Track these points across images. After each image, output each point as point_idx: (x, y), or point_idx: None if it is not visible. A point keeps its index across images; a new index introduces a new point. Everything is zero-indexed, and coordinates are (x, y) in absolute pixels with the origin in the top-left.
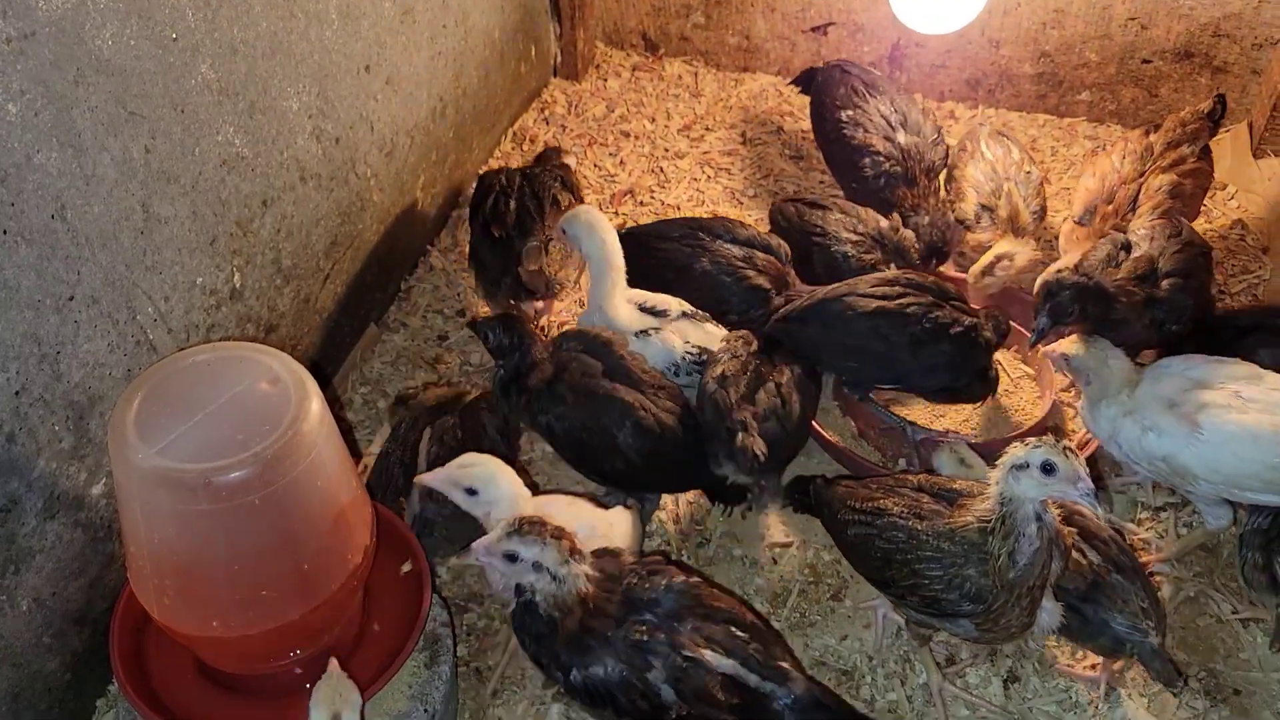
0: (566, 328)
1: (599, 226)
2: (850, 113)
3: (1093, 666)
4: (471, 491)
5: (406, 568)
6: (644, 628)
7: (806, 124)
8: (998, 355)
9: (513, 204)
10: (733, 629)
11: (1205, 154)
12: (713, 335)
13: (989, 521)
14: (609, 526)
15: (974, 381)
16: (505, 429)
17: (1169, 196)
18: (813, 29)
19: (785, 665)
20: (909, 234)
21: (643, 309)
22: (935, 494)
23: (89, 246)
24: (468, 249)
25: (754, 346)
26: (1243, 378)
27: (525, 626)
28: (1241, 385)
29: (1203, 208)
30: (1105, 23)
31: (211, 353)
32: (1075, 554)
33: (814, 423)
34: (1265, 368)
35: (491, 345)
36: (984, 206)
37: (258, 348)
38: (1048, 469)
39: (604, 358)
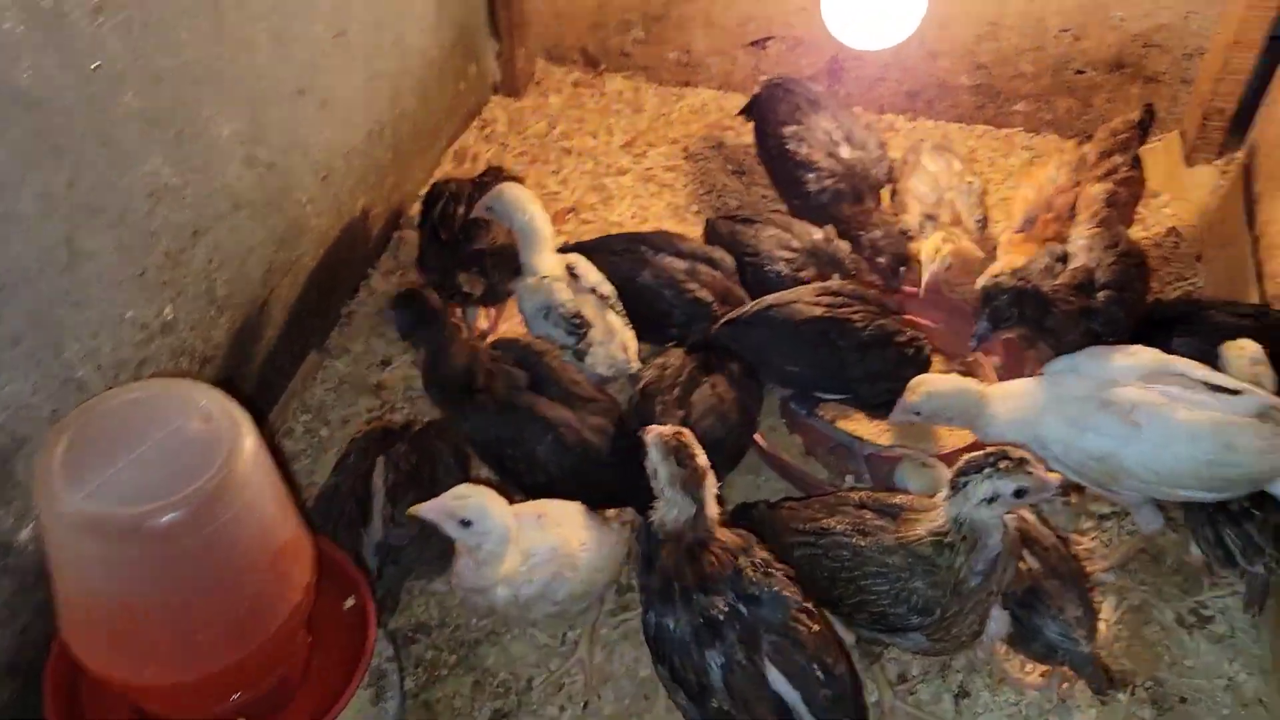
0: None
1: (523, 199)
2: (793, 129)
3: (1043, 675)
4: (466, 523)
5: (350, 603)
6: (727, 610)
7: (748, 139)
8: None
9: (461, 210)
10: (814, 666)
11: (1137, 163)
12: (611, 324)
13: (944, 535)
14: (584, 545)
15: None
16: (460, 453)
17: (1105, 204)
18: (752, 43)
19: None
20: (844, 245)
21: (569, 269)
22: (878, 509)
23: (10, 285)
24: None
25: (683, 359)
26: (1142, 367)
27: (642, 548)
28: (1157, 380)
29: (1137, 215)
30: (1039, 34)
31: (141, 390)
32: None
33: (761, 441)
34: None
35: (398, 327)
36: (928, 216)
37: (189, 384)
38: (1020, 494)
39: (534, 369)
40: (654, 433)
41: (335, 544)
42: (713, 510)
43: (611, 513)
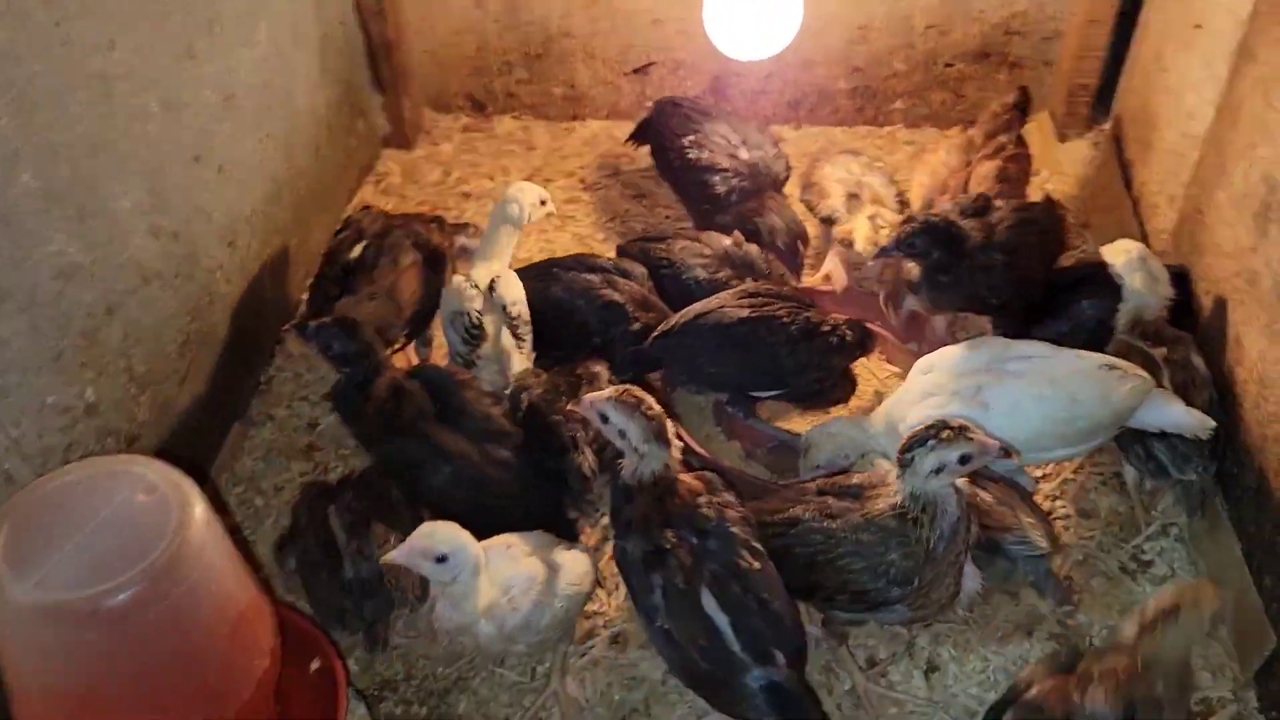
0: None
1: (508, 206)
2: (691, 138)
3: (1004, 638)
4: (442, 559)
5: (315, 665)
6: (675, 541)
7: (644, 163)
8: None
9: (357, 249)
10: (749, 597)
11: (1021, 141)
12: (505, 346)
13: (905, 510)
14: (557, 570)
15: (840, 382)
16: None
17: (997, 180)
18: (634, 70)
19: (775, 652)
20: (754, 248)
21: (494, 285)
22: (839, 493)
23: None
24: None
25: (547, 377)
26: (989, 355)
27: (615, 502)
28: (999, 360)
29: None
30: (907, 33)
31: (78, 471)
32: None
33: (701, 450)
34: (1088, 319)
35: (335, 352)
36: (851, 195)
37: (128, 458)
38: (965, 460)
39: (446, 399)
40: (605, 396)
41: (310, 595)
42: (676, 453)
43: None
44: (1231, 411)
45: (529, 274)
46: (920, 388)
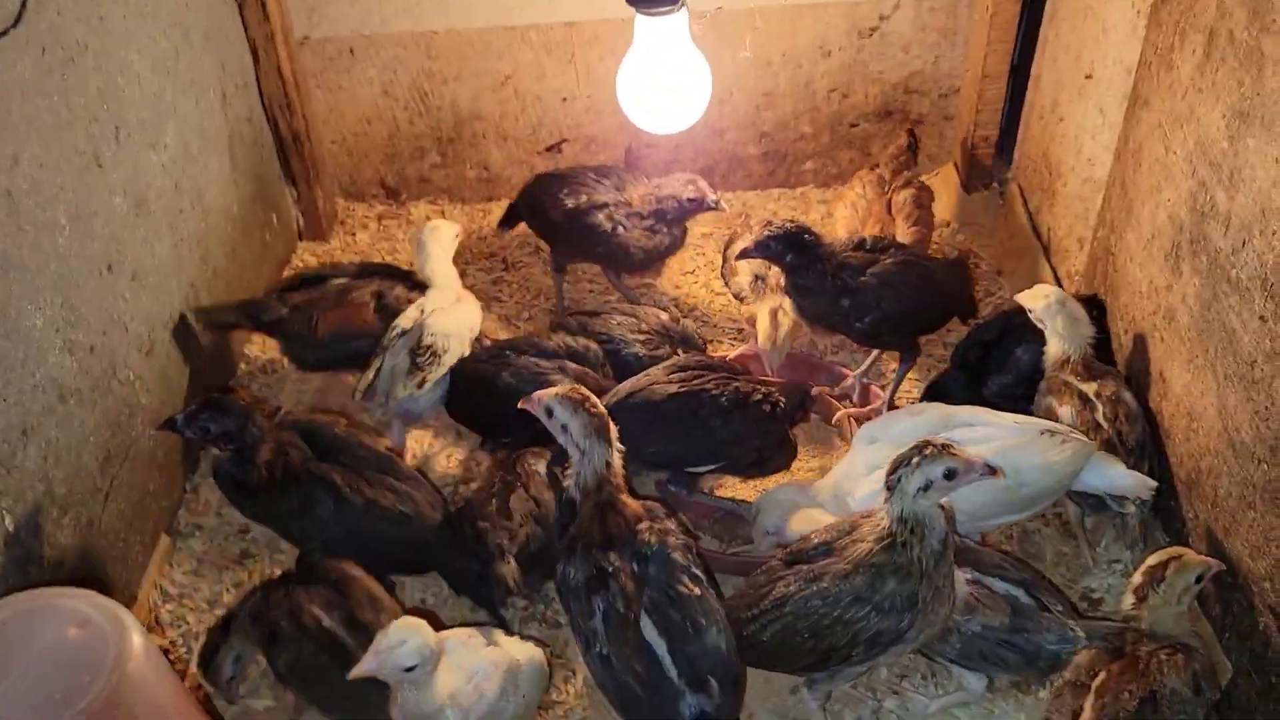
0: None
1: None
2: (567, 189)
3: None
4: (410, 669)
5: None
6: (616, 563)
7: None
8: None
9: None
10: (686, 623)
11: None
12: (395, 368)
13: (892, 538)
14: (509, 665)
15: (777, 449)
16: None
17: (915, 206)
18: (547, 149)
19: (712, 681)
20: (689, 324)
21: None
22: (810, 556)
23: None
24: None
25: (489, 463)
26: (930, 422)
27: (561, 517)
28: (947, 431)
29: (935, 244)
30: (811, 97)
31: (4, 609)
32: (983, 591)
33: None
34: (1025, 365)
35: (215, 434)
36: (757, 276)
37: (57, 591)
38: (950, 475)
39: (325, 444)
40: (553, 393)
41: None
42: (618, 462)
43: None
44: (1163, 445)
45: (479, 356)
46: (866, 460)
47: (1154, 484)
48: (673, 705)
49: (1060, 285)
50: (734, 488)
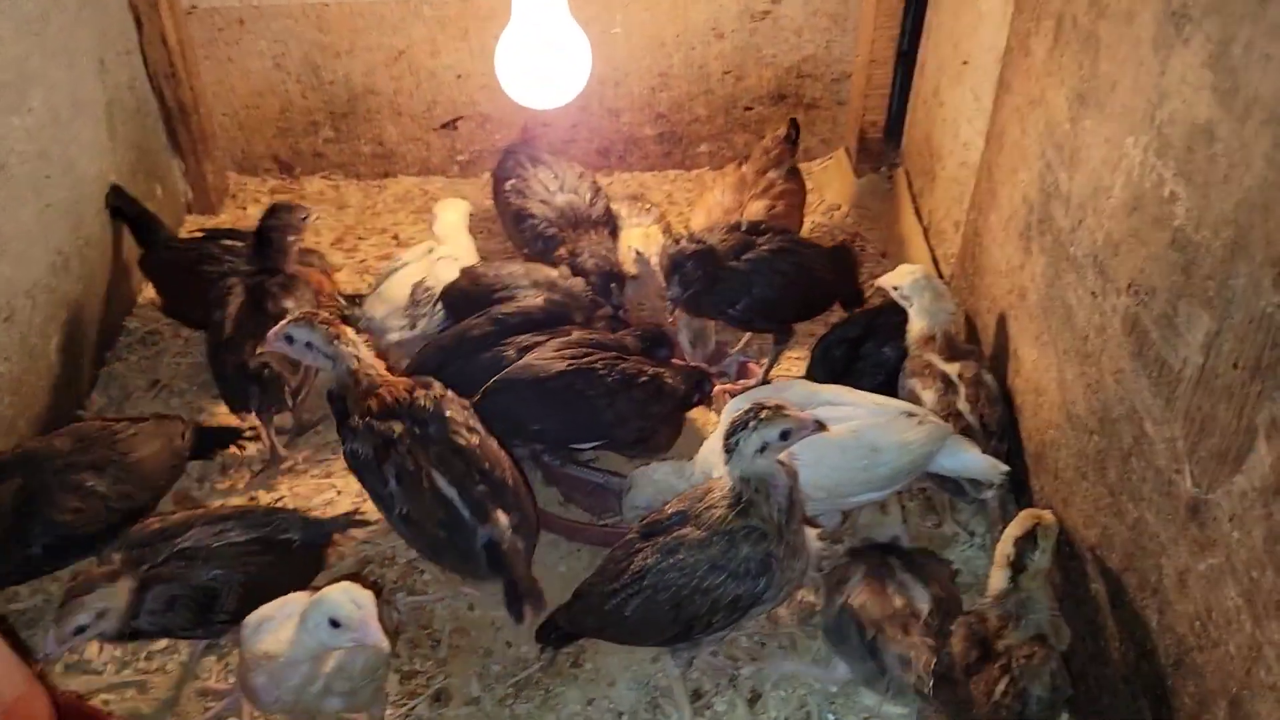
0: None
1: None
2: (514, 182)
3: (819, 663)
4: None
5: None
6: (400, 428)
7: None
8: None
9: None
10: (472, 469)
11: (793, 174)
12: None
13: (740, 498)
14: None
15: (662, 429)
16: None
17: (767, 217)
18: (442, 126)
19: (496, 511)
20: (578, 281)
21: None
22: (665, 528)
23: None
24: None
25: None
26: (795, 399)
27: (335, 411)
28: (805, 407)
29: (820, 224)
30: (705, 79)
31: None
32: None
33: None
34: (890, 360)
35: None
36: (637, 251)
37: None
38: (785, 435)
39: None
40: (284, 324)
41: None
42: (369, 358)
43: None
44: (1016, 421)
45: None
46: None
47: (1005, 468)
48: (469, 541)
49: (937, 267)
50: (611, 461)
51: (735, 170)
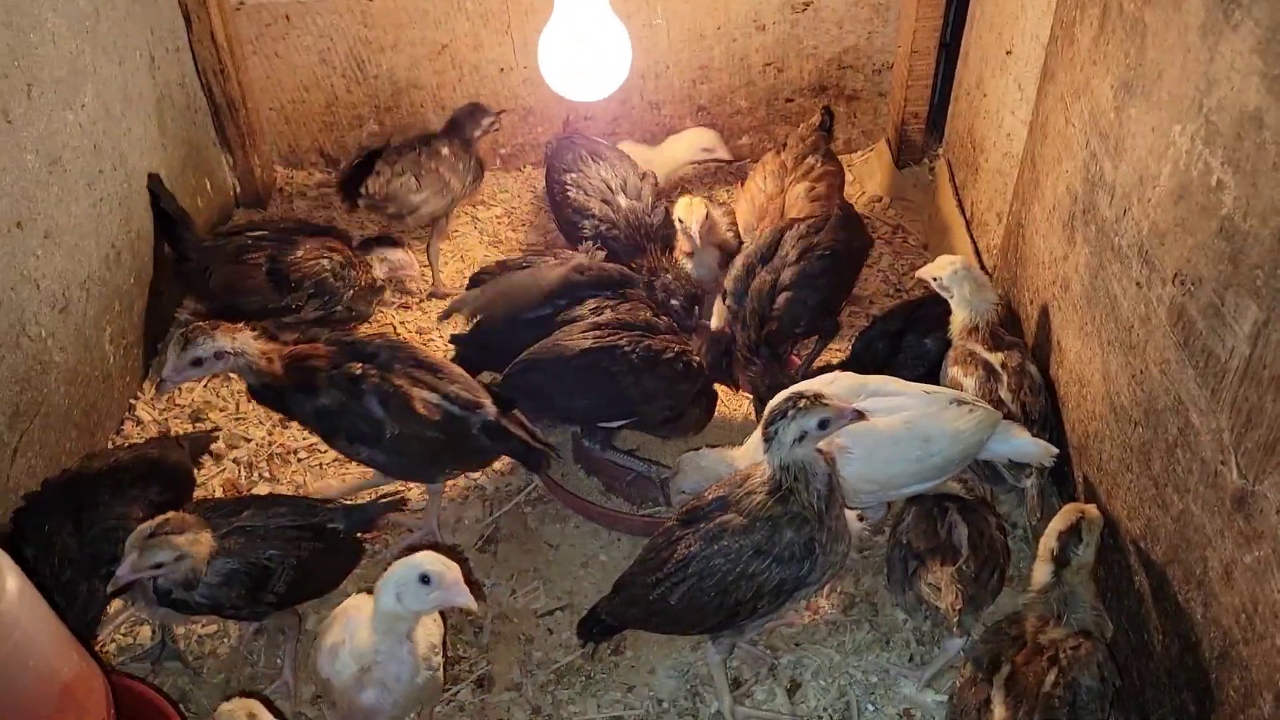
0: None
1: None
2: (574, 175)
3: (860, 652)
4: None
5: None
6: (359, 366)
7: (499, 210)
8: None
9: None
10: (442, 373)
11: (830, 158)
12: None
13: (779, 486)
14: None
15: (691, 409)
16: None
17: (808, 201)
18: None
19: (479, 398)
20: (598, 254)
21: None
22: (706, 515)
23: None
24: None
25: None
26: (843, 392)
27: (268, 400)
28: (853, 399)
29: (866, 219)
30: (746, 71)
31: None
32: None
33: (559, 485)
34: (932, 353)
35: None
36: (679, 219)
37: None
38: (824, 424)
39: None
40: (178, 348)
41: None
42: (255, 348)
43: None
44: (1059, 412)
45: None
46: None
47: (1055, 451)
48: (466, 429)
49: (980, 259)
50: (654, 450)
51: (774, 158)
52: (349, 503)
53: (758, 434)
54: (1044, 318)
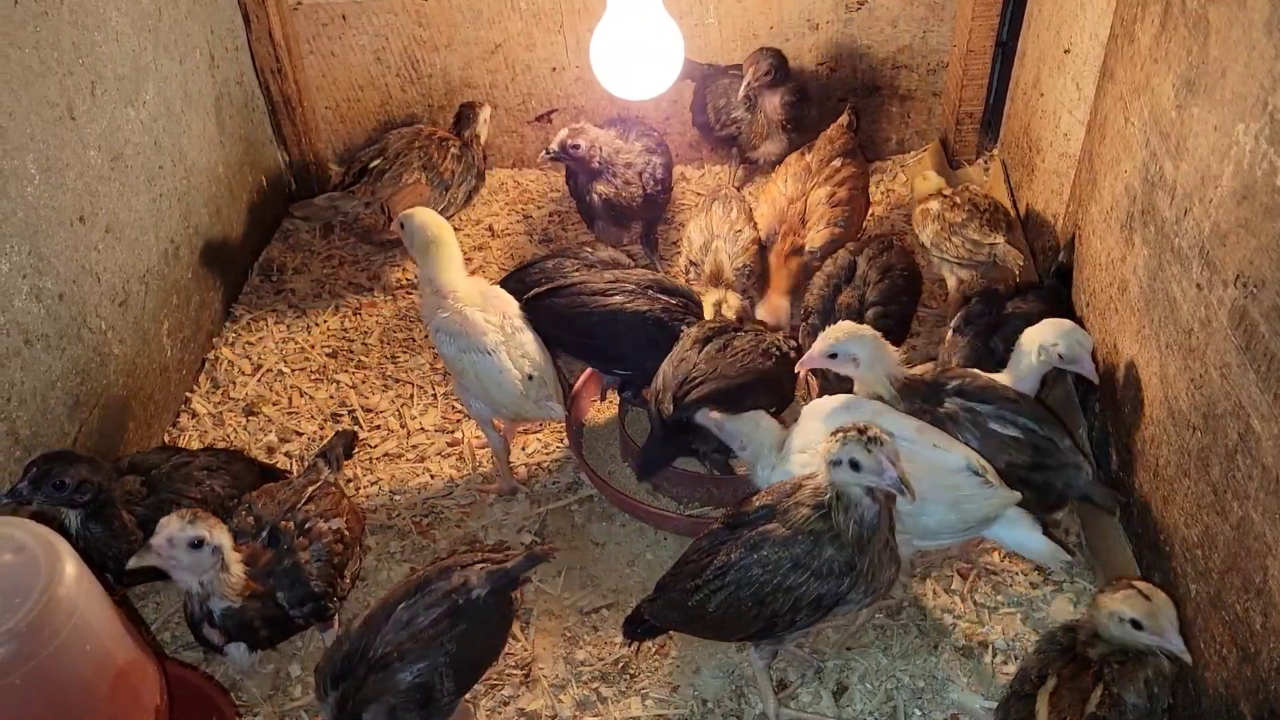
0: None
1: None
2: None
3: (907, 655)
4: None
5: None
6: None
7: (551, 209)
8: None
9: (377, 160)
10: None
11: (854, 158)
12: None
13: (824, 501)
14: None
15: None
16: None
17: (830, 205)
18: (537, 118)
19: None
20: (621, 257)
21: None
22: (752, 521)
23: None
24: None
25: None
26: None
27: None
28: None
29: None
30: (799, 71)
31: None
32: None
33: (606, 482)
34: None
35: (68, 493)
36: (691, 262)
37: None
38: (855, 466)
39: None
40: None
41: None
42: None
43: None
44: (1115, 416)
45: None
46: (804, 437)
47: (1066, 557)
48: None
49: (1035, 261)
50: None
51: (799, 160)
52: (492, 562)
53: (795, 431)
54: (1100, 320)
